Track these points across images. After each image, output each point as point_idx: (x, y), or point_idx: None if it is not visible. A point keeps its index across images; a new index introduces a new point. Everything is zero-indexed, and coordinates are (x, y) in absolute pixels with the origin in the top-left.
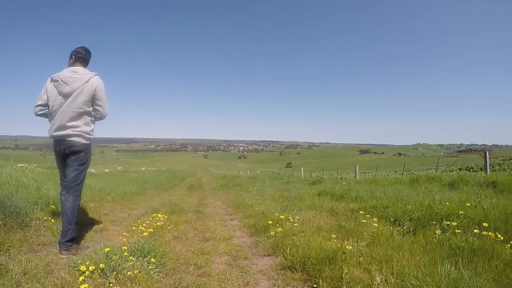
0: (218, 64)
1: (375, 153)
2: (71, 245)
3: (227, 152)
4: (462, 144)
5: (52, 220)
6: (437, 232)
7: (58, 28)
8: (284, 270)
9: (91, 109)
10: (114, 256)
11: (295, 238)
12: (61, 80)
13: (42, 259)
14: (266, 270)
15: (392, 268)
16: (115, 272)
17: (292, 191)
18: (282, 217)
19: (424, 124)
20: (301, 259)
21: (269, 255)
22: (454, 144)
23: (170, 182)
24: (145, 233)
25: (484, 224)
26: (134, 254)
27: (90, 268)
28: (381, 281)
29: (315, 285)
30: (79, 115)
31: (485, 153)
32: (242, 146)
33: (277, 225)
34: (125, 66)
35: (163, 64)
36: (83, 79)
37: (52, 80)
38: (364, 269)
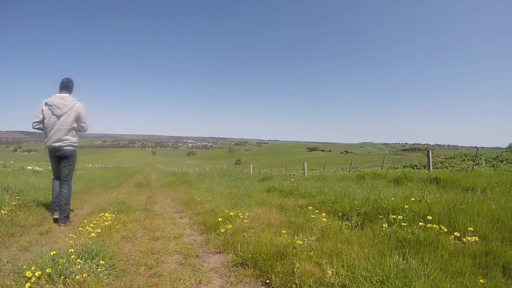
0: (168, 59)
1: (322, 150)
2: (66, 220)
3: (176, 148)
4: (407, 143)
5: None
6: (384, 225)
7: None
8: (236, 267)
9: (76, 125)
10: (61, 259)
11: (245, 234)
12: (54, 105)
13: None
14: (218, 268)
15: (343, 261)
16: (62, 277)
17: (242, 187)
18: (232, 214)
19: (370, 123)
20: (252, 255)
21: (220, 253)
22: (399, 143)
23: (117, 180)
24: (93, 234)
25: (428, 217)
26: (82, 257)
27: (36, 274)
28: (332, 273)
29: (267, 281)
30: (68, 131)
31: (428, 152)
32: (191, 143)
33: (227, 222)
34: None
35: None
36: (69, 105)
37: (46, 104)
38: (315, 263)
